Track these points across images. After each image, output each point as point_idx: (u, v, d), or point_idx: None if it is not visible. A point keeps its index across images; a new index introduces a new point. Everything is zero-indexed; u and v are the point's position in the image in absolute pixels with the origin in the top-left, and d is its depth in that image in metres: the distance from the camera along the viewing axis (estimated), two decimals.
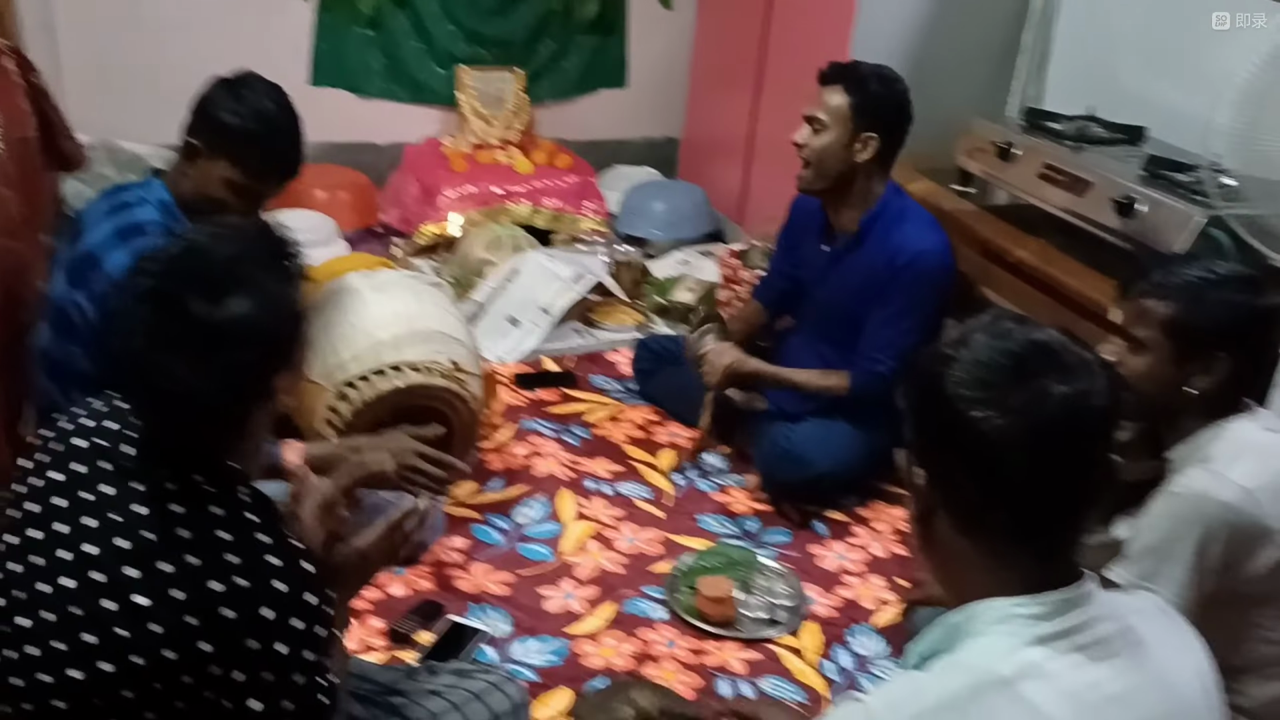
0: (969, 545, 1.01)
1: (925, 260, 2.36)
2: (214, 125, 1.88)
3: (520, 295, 3.17)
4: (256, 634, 1.10)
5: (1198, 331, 1.51)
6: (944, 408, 0.97)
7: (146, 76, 3.60)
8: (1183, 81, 2.71)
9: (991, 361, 0.97)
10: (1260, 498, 1.45)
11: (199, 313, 1.11)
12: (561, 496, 2.47)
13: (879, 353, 2.40)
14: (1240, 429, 1.53)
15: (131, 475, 1.16)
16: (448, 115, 4.05)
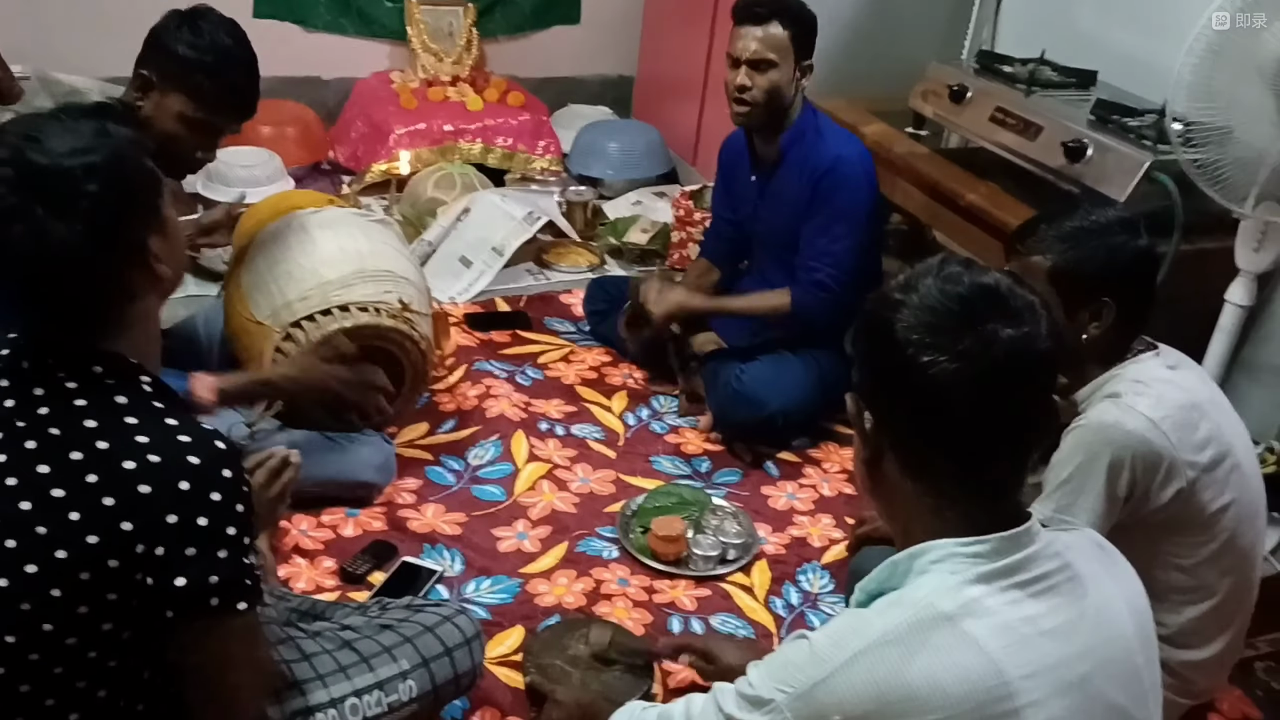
0: (915, 487, 1.03)
1: (844, 166, 2.39)
2: (169, 58, 1.85)
3: (472, 235, 3.14)
4: (175, 507, 1.11)
5: (1080, 279, 1.55)
6: (893, 352, 0.98)
7: (83, 5, 3.48)
8: (1134, 26, 2.73)
9: (939, 306, 0.98)
10: (1165, 427, 1.51)
11: (45, 162, 1.13)
12: (514, 437, 2.47)
13: (815, 261, 2.43)
14: (1144, 367, 1.58)
15: (31, 382, 1.17)
16: (397, 50, 3.95)
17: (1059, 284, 1.55)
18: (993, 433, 0.99)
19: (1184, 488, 1.52)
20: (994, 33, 3.16)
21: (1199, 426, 1.54)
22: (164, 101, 1.86)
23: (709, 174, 3.46)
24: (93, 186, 1.14)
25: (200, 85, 1.84)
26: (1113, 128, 2.35)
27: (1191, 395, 1.57)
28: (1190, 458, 1.52)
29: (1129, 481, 1.51)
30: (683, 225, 3.27)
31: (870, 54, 3.13)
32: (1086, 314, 1.56)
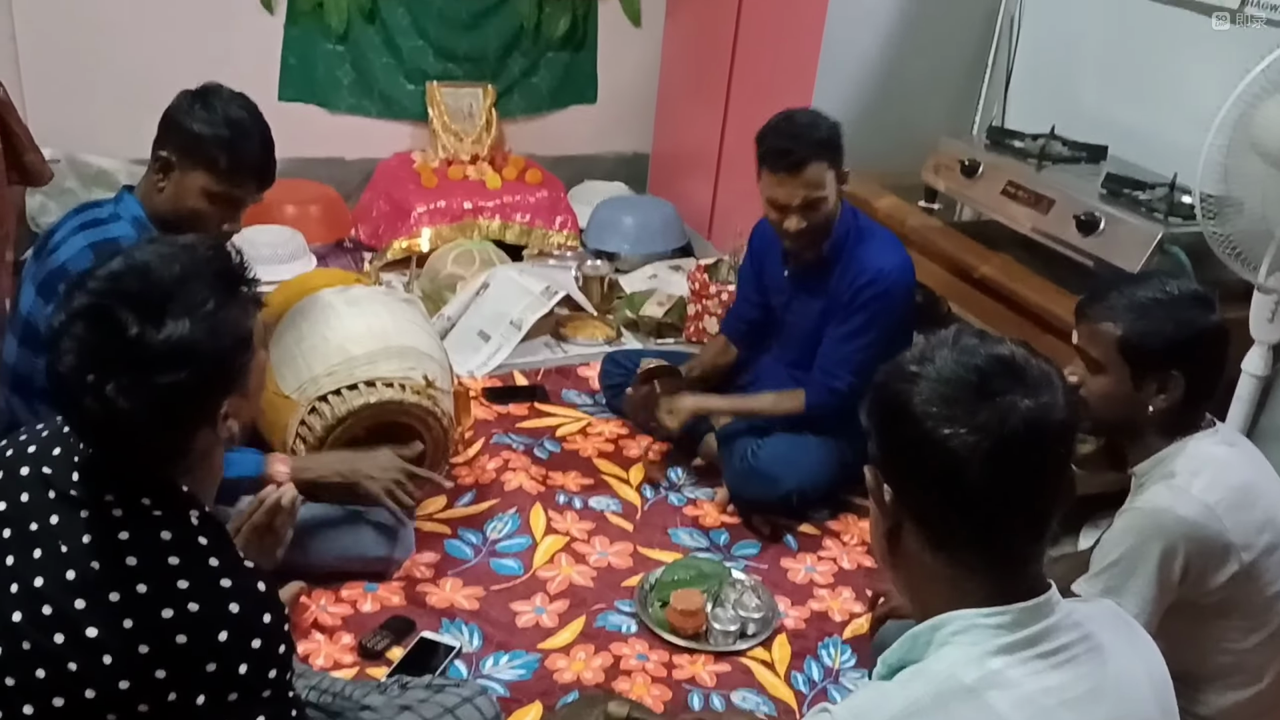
0: (935, 559, 1.02)
1: (885, 279, 2.37)
2: (185, 136, 1.89)
3: (490, 309, 3.18)
4: (214, 657, 1.08)
5: (1151, 351, 1.55)
6: (910, 425, 0.99)
7: (112, 90, 3.58)
8: (1141, 101, 2.78)
9: (956, 378, 0.98)
10: (1220, 511, 1.49)
11: (133, 333, 1.06)
12: (532, 510, 2.47)
13: (835, 368, 2.41)
14: (1201, 445, 1.57)
15: (77, 503, 1.13)
16: (418, 130, 4.05)
17: (1127, 353, 1.56)
18: (1012, 504, 0.98)
19: (1239, 571, 1.50)
20: (1003, 109, 3.22)
21: (1255, 508, 1.52)
22: (185, 179, 1.90)
23: (724, 247, 3.51)
24: (174, 377, 1.07)
25: (218, 159, 1.89)
26: (1124, 201, 2.38)
27: (1247, 476, 1.56)
28: (1246, 541, 1.50)
29: (1182, 567, 1.49)
30: (698, 298, 3.30)
31: (882, 129, 3.18)
32: (1154, 385, 1.56)
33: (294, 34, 3.79)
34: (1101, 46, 2.92)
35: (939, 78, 3.29)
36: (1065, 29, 3.03)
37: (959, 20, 3.23)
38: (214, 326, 1.11)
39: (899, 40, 3.18)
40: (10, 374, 1.90)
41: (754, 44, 3.52)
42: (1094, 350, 1.61)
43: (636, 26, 4.20)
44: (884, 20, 3.15)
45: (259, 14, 3.72)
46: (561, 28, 4.09)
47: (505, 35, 4.05)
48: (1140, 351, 1.55)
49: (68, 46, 3.52)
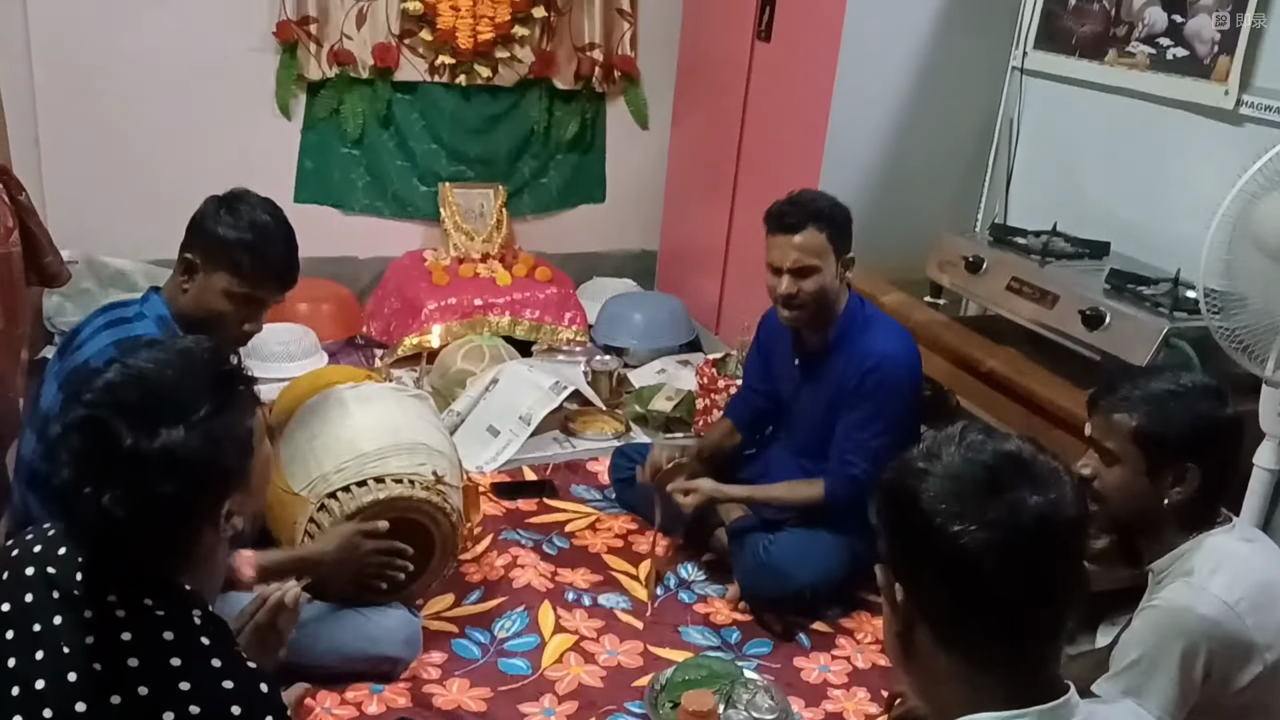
0: (950, 659, 1.01)
1: (891, 364, 2.39)
2: (210, 239, 1.95)
3: (500, 404, 3.19)
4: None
5: (1167, 442, 1.55)
6: (920, 523, 0.98)
7: (131, 192, 3.67)
8: (1141, 198, 2.83)
9: (964, 474, 0.99)
10: (1241, 610, 1.47)
11: (128, 444, 1.07)
12: (541, 608, 2.45)
13: (851, 456, 2.41)
14: (1218, 541, 1.55)
15: (80, 603, 1.12)
16: (430, 229, 4.12)
17: (1143, 445, 1.56)
18: (1025, 601, 0.98)
19: (1263, 673, 1.48)
20: (1005, 206, 3.28)
21: (1277, 607, 1.50)
22: (208, 281, 1.95)
23: (731, 342, 3.54)
24: (171, 486, 1.07)
25: (241, 261, 1.94)
26: (1128, 296, 2.41)
27: (1268, 573, 1.53)
28: (1270, 640, 1.47)
29: (1205, 667, 1.46)
30: (707, 393, 3.31)
31: (886, 226, 3.23)
32: (1170, 478, 1.55)
33: (311, 139, 3.90)
34: (1100, 145, 2.98)
35: (941, 175, 3.36)
36: (1063, 128, 3.10)
37: (959, 120, 3.31)
38: (209, 432, 1.11)
39: (901, 139, 3.26)
40: (26, 470, 1.91)
41: (758, 144, 3.60)
42: (1109, 442, 1.61)
43: (644, 129, 4.31)
44: (886, 120, 3.23)
45: (276, 119, 3.83)
46: (571, 131, 4.20)
47: (516, 138, 4.15)
48: (1157, 443, 1.55)
49: (89, 150, 3.62)
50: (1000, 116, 3.29)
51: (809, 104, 3.24)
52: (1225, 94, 2.54)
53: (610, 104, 4.26)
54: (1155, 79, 2.74)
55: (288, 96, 3.81)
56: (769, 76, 3.51)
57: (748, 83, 3.61)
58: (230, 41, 3.70)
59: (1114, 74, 2.88)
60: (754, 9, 3.52)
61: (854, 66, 3.11)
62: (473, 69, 3.95)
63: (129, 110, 3.64)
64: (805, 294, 2.37)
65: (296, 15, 3.70)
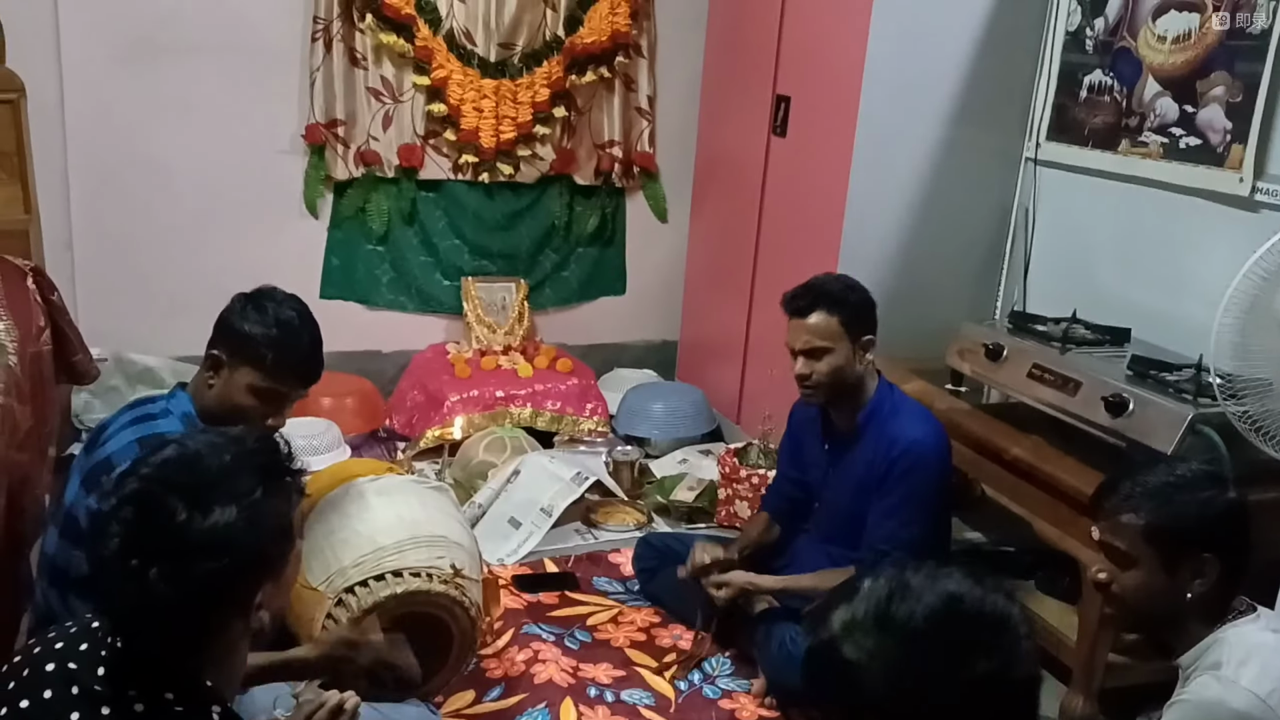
0: None
1: (919, 449, 2.38)
2: (235, 335, 1.97)
3: (521, 496, 3.18)
4: None
5: (1179, 536, 1.53)
6: (878, 714, 0.94)
7: (161, 291, 3.74)
8: (1160, 285, 2.83)
9: (907, 653, 0.93)
10: (1273, 703, 1.43)
11: (180, 520, 1.09)
12: (563, 705, 2.40)
13: (883, 544, 2.38)
14: (1245, 632, 1.52)
15: (100, 699, 1.12)
16: (453, 323, 4.17)
17: (1156, 543, 1.53)
18: None
19: None
20: (1024, 293, 3.29)
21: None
22: (233, 376, 1.97)
23: (753, 432, 3.53)
24: (216, 564, 1.10)
25: (265, 356, 1.95)
26: (1151, 383, 2.39)
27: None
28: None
29: None
30: (729, 482, 3.29)
31: (904, 315, 3.23)
32: (1188, 571, 1.53)
33: (337, 237, 3.98)
34: (1116, 233, 3.00)
35: (958, 265, 3.37)
36: (1079, 216, 3.12)
37: (975, 210, 3.34)
38: (256, 516, 1.14)
39: (917, 230, 3.29)
40: (49, 566, 1.91)
41: (776, 236, 3.64)
42: (1120, 543, 1.58)
43: (663, 222, 4.37)
44: (902, 211, 3.27)
45: (303, 219, 3.92)
46: (591, 225, 4.27)
47: (537, 233, 4.22)
48: (1169, 538, 1.53)
49: (120, 250, 3.71)
50: (1015, 206, 3.32)
51: (825, 197, 3.28)
52: (1240, 181, 2.56)
53: (630, 198, 4.34)
54: (1169, 167, 2.77)
55: (315, 196, 3.90)
56: (785, 171, 3.57)
57: (764, 177, 3.67)
58: (260, 144, 3.81)
59: (1127, 163, 2.91)
60: (769, 105, 3.60)
61: (869, 160, 3.16)
62: (495, 167, 4.05)
63: (159, 211, 3.74)
64: (819, 374, 2.39)
65: (325, 118, 3.81)
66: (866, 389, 2.46)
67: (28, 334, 2.41)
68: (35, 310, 2.48)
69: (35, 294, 2.50)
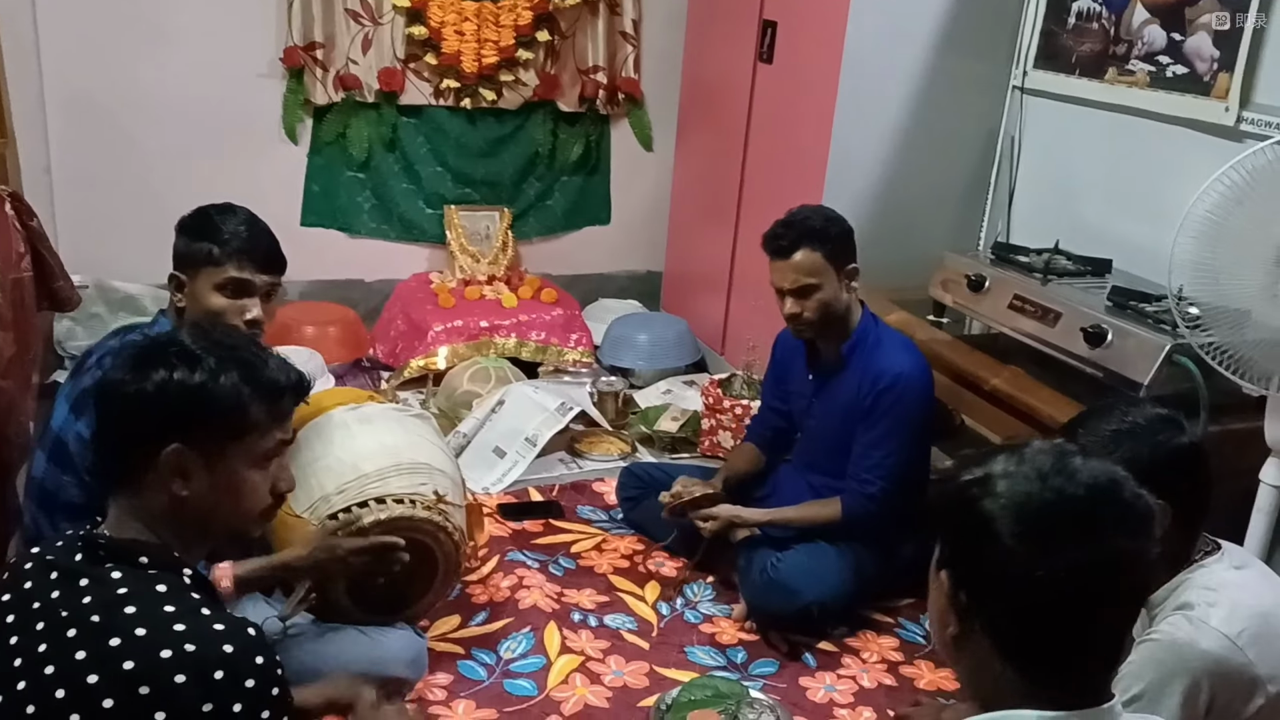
0: (1004, 666, 1.01)
1: (905, 382, 2.41)
2: (183, 247, 1.99)
3: (506, 426, 3.20)
4: (210, 695, 1.13)
5: None
6: (997, 550, 0.97)
7: (141, 218, 3.69)
8: (1142, 215, 2.83)
9: (1052, 512, 0.97)
10: (1242, 643, 1.45)
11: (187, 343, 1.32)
12: (547, 629, 2.45)
13: (868, 474, 2.42)
14: (1212, 572, 1.54)
15: (78, 573, 1.21)
16: (436, 252, 4.15)
17: None
18: (1097, 635, 0.99)
19: (1265, 704, 1.46)
20: (1008, 225, 3.29)
21: (1277, 636, 1.49)
22: (195, 286, 1.96)
23: (737, 362, 3.54)
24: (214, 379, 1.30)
25: (210, 251, 1.95)
26: (1130, 313, 2.41)
27: (1264, 601, 1.52)
28: (1272, 672, 1.46)
29: (1207, 701, 1.45)
30: (712, 413, 3.32)
31: (889, 246, 3.24)
32: None
33: (317, 163, 3.94)
34: (1101, 162, 2.99)
35: (943, 195, 3.37)
36: (1064, 146, 3.11)
37: (961, 140, 3.32)
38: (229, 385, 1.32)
39: (903, 159, 3.27)
40: (37, 490, 1.93)
41: (761, 165, 3.62)
42: None
43: (648, 151, 4.34)
44: (888, 140, 3.25)
45: (283, 144, 3.87)
46: (575, 153, 4.23)
47: (521, 161, 4.18)
48: None
49: (99, 177, 3.66)
50: (1001, 135, 3.30)
51: (811, 125, 3.26)
52: (1226, 110, 2.55)
53: (614, 126, 4.29)
54: (1155, 96, 2.76)
55: (294, 121, 3.85)
56: (771, 98, 3.54)
57: (750, 104, 3.63)
58: (238, 68, 3.75)
59: (1114, 92, 2.89)
60: (756, 31, 3.55)
61: (855, 87, 3.13)
62: (477, 92, 3.99)
63: (138, 137, 3.69)
64: (809, 312, 2.40)
65: (303, 41, 3.74)
66: (852, 319, 2.48)
67: (7, 260, 2.39)
68: (14, 236, 2.45)
69: (14, 219, 2.47)
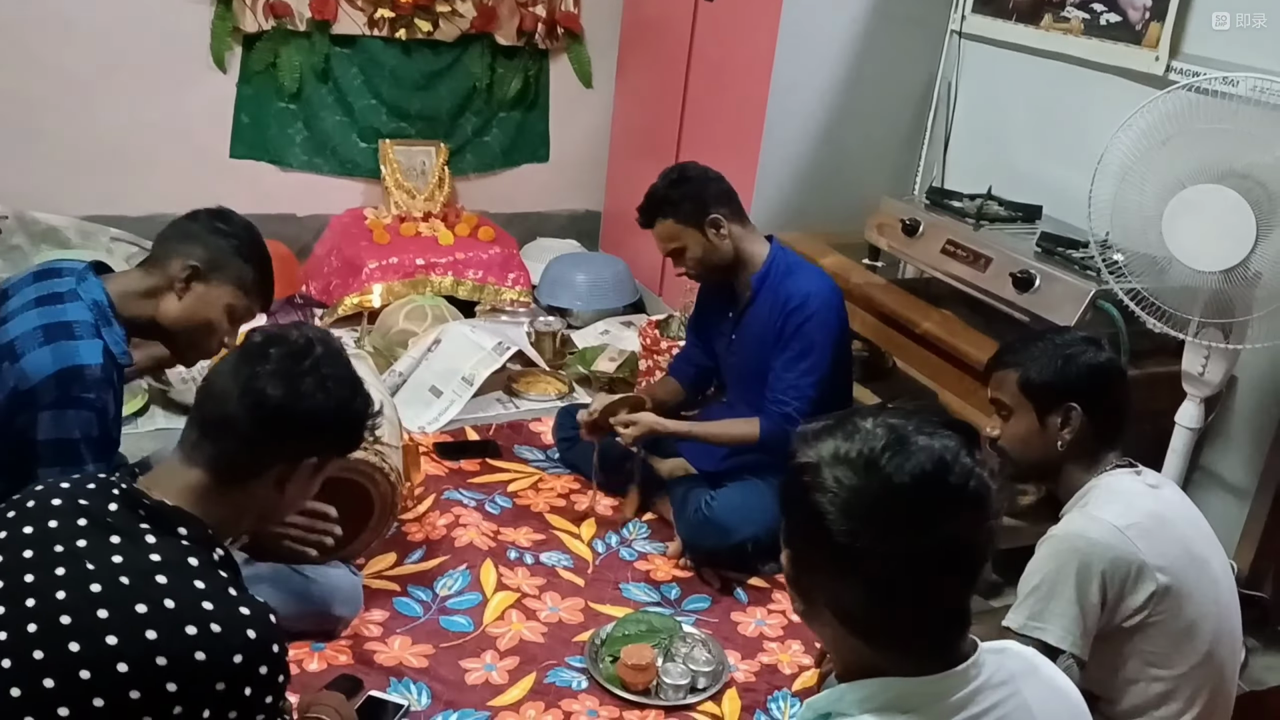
0: (859, 640, 1.01)
1: (814, 302, 2.46)
2: (218, 251, 1.93)
3: (442, 365, 3.19)
4: (226, 678, 1.16)
5: (1047, 385, 1.69)
6: (829, 547, 0.96)
7: (64, 148, 3.58)
8: (1071, 163, 2.88)
9: (877, 503, 0.95)
10: (1131, 534, 1.58)
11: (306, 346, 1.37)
12: (483, 566, 2.47)
13: (783, 395, 2.47)
14: (1118, 478, 1.68)
15: (111, 529, 1.21)
16: (371, 187, 4.08)
17: (1028, 391, 1.71)
18: (938, 609, 0.99)
19: (1156, 591, 1.57)
20: (943, 170, 3.32)
21: (1168, 537, 1.60)
22: (211, 292, 1.92)
23: (674, 304, 3.56)
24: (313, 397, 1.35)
25: (246, 275, 1.94)
26: (1058, 259, 2.46)
27: (1166, 508, 1.65)
28: (1161, 564, 1.57)
29: (1100, 588, 1.56)
30: (649, 353, 3.33)
31: (826, 190, 3.27)
32: (1057, 420, 1.69)
33: (247, 93, 3.82)
34: (1034, 109, 3.03)
35: (880, 140, 3.39)
36: (1000, 92, 3.14)
37: (899, 85, 3.34)
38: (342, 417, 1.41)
39: (842, 104, 3.28)
40: None
41: (702, 104, 3.60)
42: (1002, 396, 1.76)
43: (588, 88, 4.28)
44: (827, 86, 3.25)
45: (211, 73, 3.74)
46: (513, 88, 4.16)
47: (458, 95, 4.10)
48: (1038, 388, 1.70)
49: (18, 104, 3.51)
50: (939, 80, 3.32)
51: (751, 65, 3.25)
52: (1155, 60, 2.60)
53: (554, 62, 4.22)
54: (1088, 44, 2.79)
55: (223, 49, 3.72)
56: (712, 37, 3.51)
57: (691, 43, 3.60)
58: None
59: (1049, 38, 2.92)
60: None
61: (796, 28, 3.12)
62: (413, 23, 3.89)
63: (59, 64, 3.53)
64: (689, 267, 2.54)
65: None
66: (751, 257, 2.52)
67: None
68: None
69: None
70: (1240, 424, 2.51)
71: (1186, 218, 2.03)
